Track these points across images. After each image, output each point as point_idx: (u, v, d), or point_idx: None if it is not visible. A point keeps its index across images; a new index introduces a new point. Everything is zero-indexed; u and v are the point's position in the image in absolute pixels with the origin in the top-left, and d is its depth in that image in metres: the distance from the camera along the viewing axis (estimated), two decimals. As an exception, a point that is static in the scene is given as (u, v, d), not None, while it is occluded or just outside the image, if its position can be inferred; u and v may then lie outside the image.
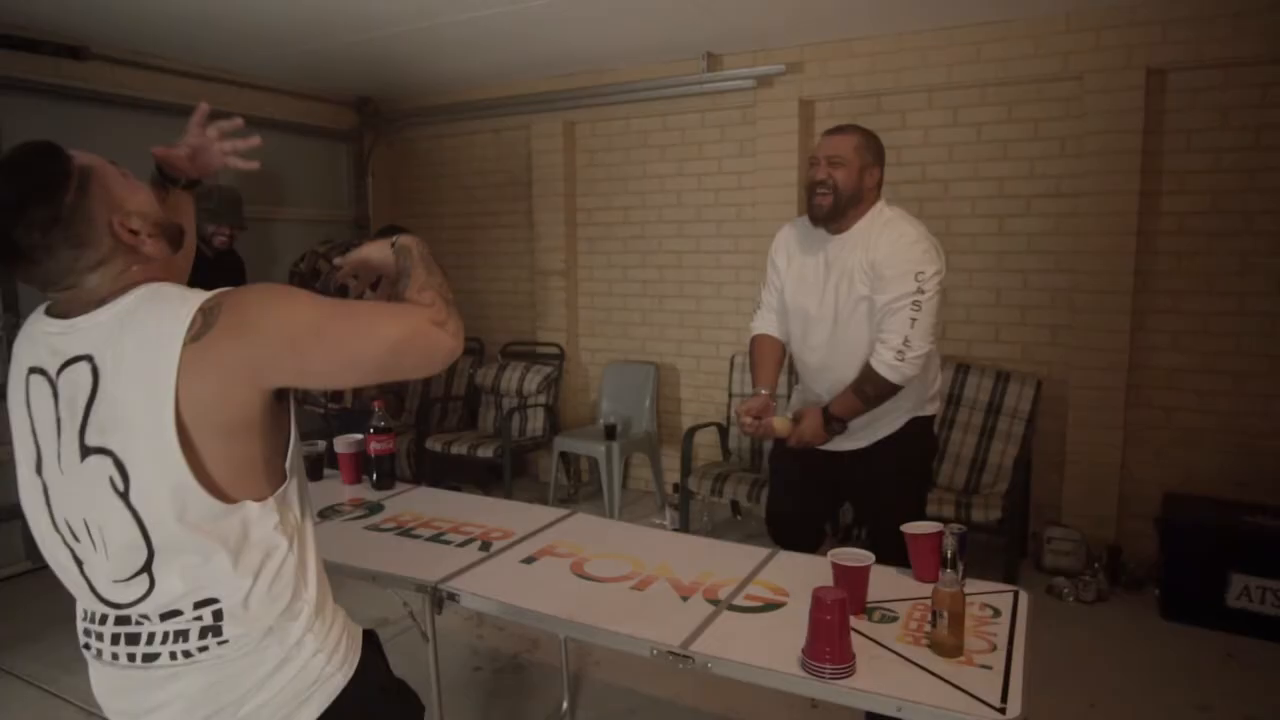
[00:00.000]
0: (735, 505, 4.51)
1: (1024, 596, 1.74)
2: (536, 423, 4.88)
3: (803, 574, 1.82)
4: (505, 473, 4.52)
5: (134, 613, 1.08)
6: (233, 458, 1.05)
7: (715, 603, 1.73)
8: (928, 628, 1.55)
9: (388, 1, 3.40)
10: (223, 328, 1.01)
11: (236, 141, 1.41)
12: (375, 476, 2.51)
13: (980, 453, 3.75)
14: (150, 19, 3.62)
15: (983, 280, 3.93)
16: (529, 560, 1.98)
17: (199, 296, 1.04)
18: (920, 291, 2.10)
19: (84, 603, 1.13)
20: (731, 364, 4.45)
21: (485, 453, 4.58)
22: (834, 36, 4.01)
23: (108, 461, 1.01)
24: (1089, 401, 3.69)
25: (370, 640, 1.26)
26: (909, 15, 3.67)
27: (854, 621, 1.53)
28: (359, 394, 3.89)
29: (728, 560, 1.97)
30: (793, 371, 2.64)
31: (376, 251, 1.30)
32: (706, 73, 4.31)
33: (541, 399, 4.86)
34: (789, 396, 2.65)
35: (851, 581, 1.61)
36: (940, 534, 1.67)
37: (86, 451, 1.02)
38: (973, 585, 1.72)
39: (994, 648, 1.53)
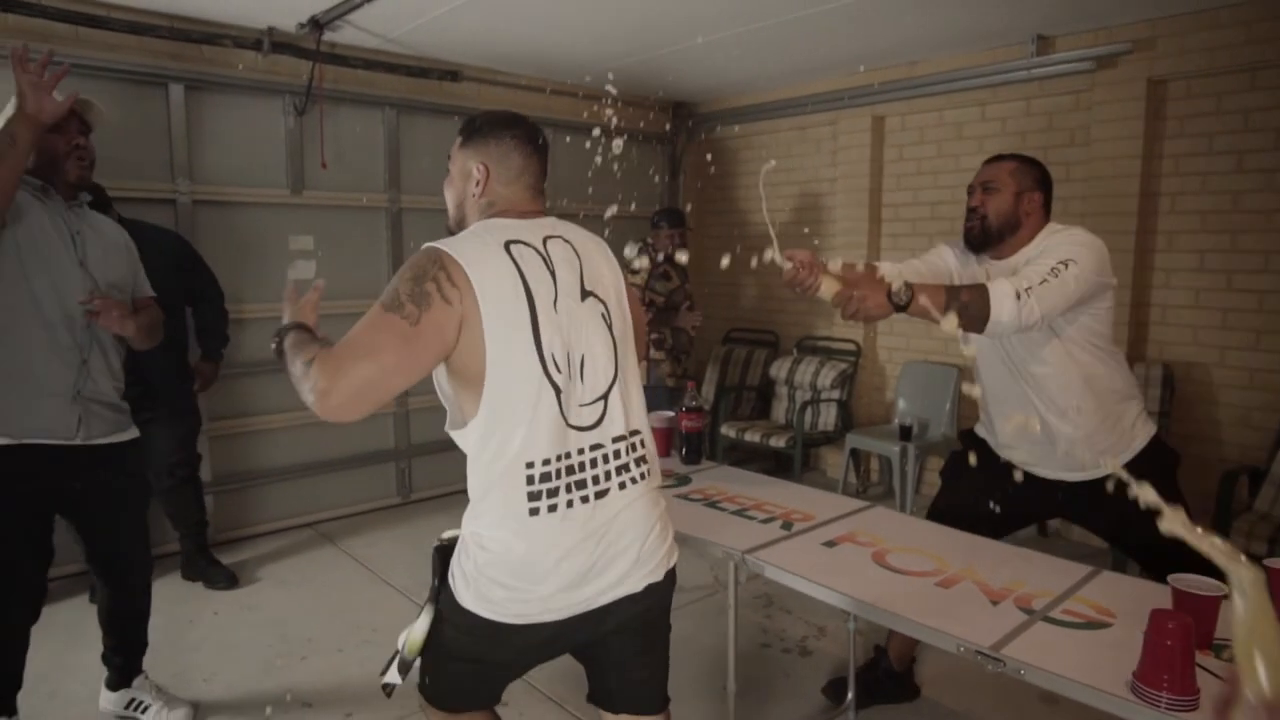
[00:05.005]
0: (1043, 524, 4.17)
1: None
2: (829, 417, 4.90)
3: (1133, 597, 1.69)
4: (795, 464, 4.60)
5: (595, 438, 1.39)
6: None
7: (1029, 612, 1.67)
8: (1296, 675, 1.37)
9: (722, 5, 3.59)
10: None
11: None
12: (685, 451, 2.72)
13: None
14: (509, 46, 4.24)
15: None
16: (830, 544, 2.05)
17: None
18: (1065, 265, 1.91)
19: (543, 446, 1.33)
20: (1046, 371, 4.11)
21: (777, 443, 4.70)
22: (1196, 6, 3.52)
23: (598, 302, 1.45)
24: None
25: None
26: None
27: (1198, 657, 1.40)
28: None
29: (1041, 572, 1.88)
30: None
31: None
32: (1035, 57, 4.02)
33: (835, 394, 4.87)
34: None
35: (1198, 611, 1.46)
36: (1320, 572, 1.46)
37: (585, 294, 1.43)
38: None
39: (1386, 712, 1.31)
